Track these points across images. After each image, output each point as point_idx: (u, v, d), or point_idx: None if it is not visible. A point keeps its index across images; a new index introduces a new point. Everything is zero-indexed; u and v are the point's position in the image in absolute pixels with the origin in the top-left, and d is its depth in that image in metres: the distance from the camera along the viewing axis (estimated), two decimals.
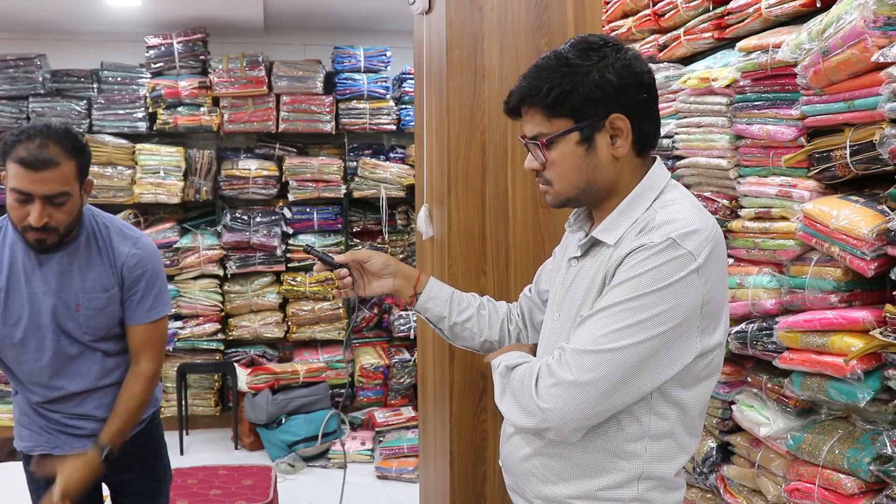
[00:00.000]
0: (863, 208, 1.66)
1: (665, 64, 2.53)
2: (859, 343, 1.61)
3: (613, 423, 1.25)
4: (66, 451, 1.94)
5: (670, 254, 1.17)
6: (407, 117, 5.36)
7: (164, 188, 4.98)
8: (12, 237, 1.85)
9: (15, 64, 4.94)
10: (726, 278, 1.29)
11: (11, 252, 1.84)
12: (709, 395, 1.32)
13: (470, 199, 2.11)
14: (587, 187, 1.30)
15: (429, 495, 2.51)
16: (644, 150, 1.32)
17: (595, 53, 1.26)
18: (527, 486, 1.35)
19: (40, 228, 1.74)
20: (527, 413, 1.25)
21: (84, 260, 1.86)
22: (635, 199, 1.28)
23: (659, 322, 1.16)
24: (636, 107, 1.27)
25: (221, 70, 5.04)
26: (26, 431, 2.00)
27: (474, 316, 1.58)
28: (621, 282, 1.19)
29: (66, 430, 1.97)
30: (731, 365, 2.13)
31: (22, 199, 1.72)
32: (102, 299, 1.88)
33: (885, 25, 1.57)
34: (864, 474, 1.60)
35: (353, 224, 5.36)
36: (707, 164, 2.19)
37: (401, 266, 1.59)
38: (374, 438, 4.73)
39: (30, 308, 1.84)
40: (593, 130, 1.26)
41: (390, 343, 5.41)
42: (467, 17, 2.09)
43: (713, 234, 1.23)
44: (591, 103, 1.25)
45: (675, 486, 1.32)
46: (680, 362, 1.20)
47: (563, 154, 1.28)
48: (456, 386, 2.11)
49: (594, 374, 1.17)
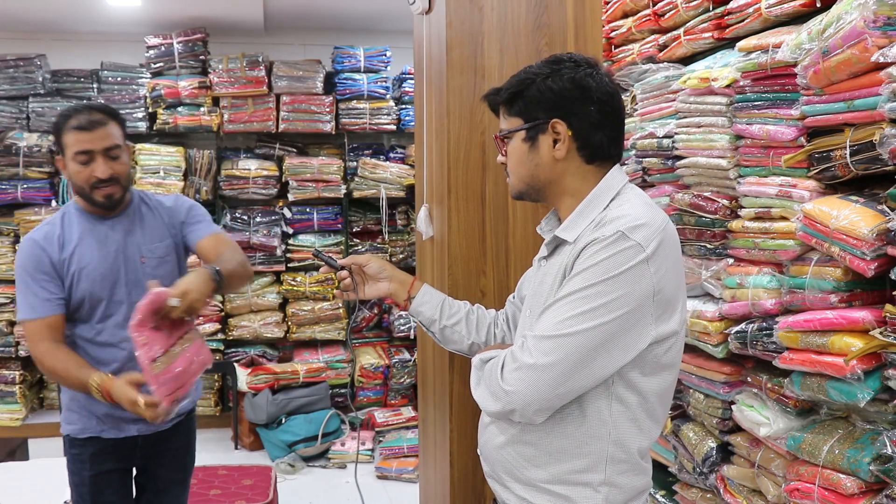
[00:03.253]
0: (863, 208, 1.66)
1: (665, 64, 2.54)
2: (859, 343, 1.61)
3: (576, 407, 1.34)
4: (111, 434, 2.13)
5: (620, 245, 1.27)
6: (407, 117, 5.36)
7: (164, 188, 4.98)
8: (77, 218, 2.12)
9: (15, 64, 4.95)
10: (680, 271, 1.38)
11: (80, 229, 2.11)
12: (669, 385, 1.39)
13: (470, 199, 2.11)
14: (531, 182, 1.45)
15: (429, 495, 2.51)
16: (594, 158, 1.42)
17: (554, 66, 1.40)
18: (503, 473, 1.44)
19: (107, 180, 2.03)
20: (494, 397, 1.35)
21: (139, 219, 2.17)
22: (592, 201, 1.40)
23: (612, 308, 1.26)
24: (580, 118, 1.38)
25: (221, 70, 5.04)
26: (75, 415, 2.15)
27: (463, 320, 1.70)
28: (577, 273, 1.30)
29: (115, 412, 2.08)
30: (731, 365, 2.14)
31: (85, 160, 2.02)
32: (161, 248, 2.17)
33: (885, 25, 1.57)
34: (864, 474, 1.60)
35: (353, 224, 5.36)
36: (707, 164, 2.19)
37: (396, 271, 1.75)
38: (374, 438, 4.73)
39: (103, 270, 2.09)
40: (537, 132, 1.41)
41: (390, 343, 5.41)
42: (467, 17, 2.09)
43: (662, 228, 1.32)
44: (533, 106, 1.40)
45: (642, 470, 1.41)
46: (636, 347, 1.29)
47: (514, 149, 1.45)
48: (456, 386, 2.11)
49: (552, 357, 1.27)
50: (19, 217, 4.84)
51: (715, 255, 2.18)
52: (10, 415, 4.86)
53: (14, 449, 4.92)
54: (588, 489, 1.35)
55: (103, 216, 2.13)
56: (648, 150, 2.50)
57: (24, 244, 2.10)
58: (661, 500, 2.44)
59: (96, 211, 2.12)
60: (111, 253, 2.11)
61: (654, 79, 2.51)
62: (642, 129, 2.52)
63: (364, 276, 1.74)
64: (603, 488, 1.35)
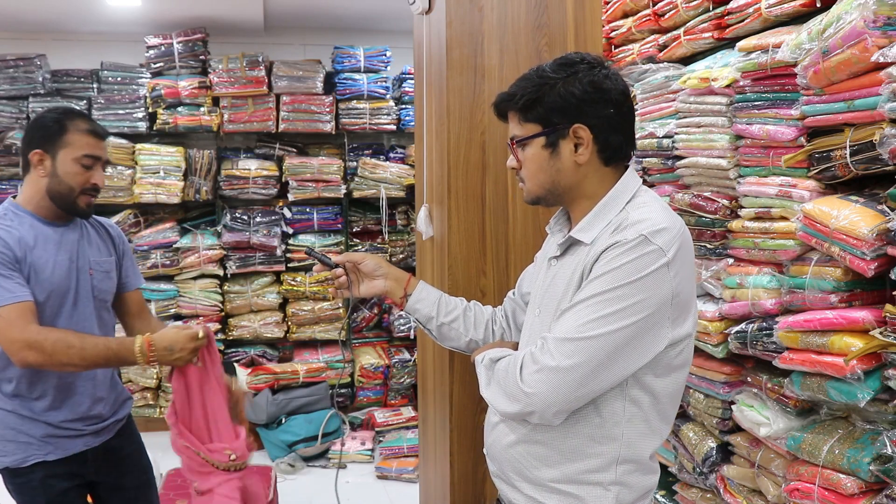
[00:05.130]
0: (863, 208, 1.66)
1: (665, 64, 2.54)
2: (859, 343, 1.62)
3: (592, 408, 1.34)
4: (57, 455, 1.99)
5: (642, 249, 1.27)
6: (407, 117, 5.36)
7: (164, 188, 4.98)
8: (29, 219, 2.02)
9: (15, 64, 4.94)
10: (693, 274, 1.38)
11: (34, 232, 2.01)
12: (680, 386, 1.40)
13: (470, 199, 2.11)
14: (552, 188, 1.42)
15: (429, 495, 2.51)
16: (612, 160, 1.41)
17: (568, 69, 1.38)
18: (512, 472, 1.44)
19: (94, 190, 2.03)
20: (512, 399, 1.33)
21: (86, 232, 2.12)
22: (609, 202, 1.39)
23: (633, 311, 1.26)
24: (600, 120, 1.37)
25: (221, 70, 5.04)
26: (10, 445, 1.98)
27: (460, 317, 1.70)
28: (598, 276, 1.29)
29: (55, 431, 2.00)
30: (731, 365, 2.14)
31: (89, 165, 2.00)
32: (107, 264, 2.14)
33: (885, 25, 1.58)
34: (864, 474, 1.60)
35: (353, 224, 5.36)
36: (707, 164, 2.19)
37: (392, 269, 1.74)
38: (374, 438, 4.73)
39: (59, 277, 2.01)
40: (558, 137, 1.39)
41: (390, 343, 5.41)
42: (467, 17, 2.09)
43: (681, 233, 1.32)
44: (555, 112, 1.38)
45: (651, 469, 1.42)
46: (653, 350, 1.29)
47: (532, 156, 1.42)
48: (456, 386, 2.11)
49: (574, 359, 1.26)
50: None
51: (715, 255, 2.18)
52: None
53: None
54: (599, 488, 1.36)
55: (56, 223, 2.04)
56: (648, 150, 2.50)
57: None
58: (661, 500, 2.44)
59: (54, 216, 2.04)
60: (65, 261, 2.03)
61: (654, 79, 2.51)
62: (642, 129, 2.52)
63: (359, 274, 1.74)
64: (613, 487, 1.36)
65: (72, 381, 2.01)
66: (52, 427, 1.97)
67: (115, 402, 2.14)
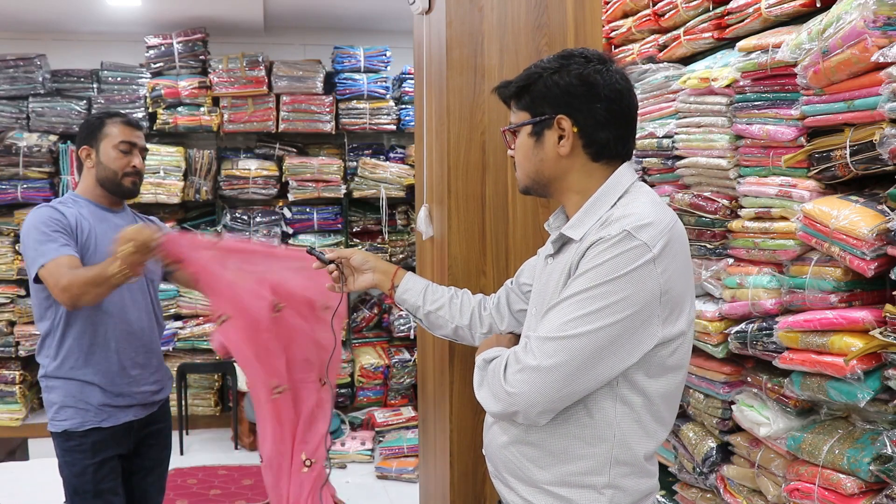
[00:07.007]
0: (863, 208, 1.66)
1: (665, 64, 2.54)
2: (859, 343, 1.61)
3: (581, 408, 1.32)
4: (110, 423, 2.23)
5: (626, 245, 1.24)
6: (407, 117, 5.36)
7: (164, 188, 4.98)
8: (87, 204, 2.30)
9: (15, 64, 4.94)
10: (689, 270, 1.35)
11: (92, 216, 2.27)
12: (676, 387, 1.36)
13: (470, 199, 2.10)
14: (536, 177, 1.44)
15: (429, 495, 2.51)
16: (601, 156, 1.39)
17: (563, 61, 1.38)
18: (507, 473, 1.43)
19: (137, 172, 2.32)
20: (497, 399, 1.32)
21: (135, 221, 2.40)
22: (599, 198, 1.37)
23: (617, 310, 1.23)
24: (587, 115, 1.36)
25: (221, 70, 5.04)
26: (71, 410, 2.21)
27: (446, 304, 1.73)
28: (582, 273, 1.27)
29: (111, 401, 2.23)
30: (731, 365, 2.14)
31: (126, 150, 2.30)
32: None
33: (885, 25, 1.57)
34: (864, 474, 1.60)
35: (353, 224, 5.36)
36: (707, 164, 2.19)
37: (379, 262, 1.81)
38: (374, 438, 4.73)
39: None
40: (543, 127, 1.39)
41: (390, 343, 5.41)
42: (467, 17, 2.09)
43: (669, 228, 1.29)
44: (539, 101, 1.39)
45: (647, 473, 1.37)
46: (641, 349, 1.26)
47: (520, 144, 1.44)
48: (456, 386, 2.11)
49: (556, 359, 1.24)
50: (19, 217, 4.84)
51: (715, 255, 2.18)
52: (10, 415, 4.86)
53: (14, 449, 4.92)
54: (592, 492, 1.33)
55: (112, 209, 2.33)
56: (648, 150, 2.50)
57: (41, 209, 2.18)
58: (661, 500, 2.44)
59: (108, 203, 2.32)
60: None
61: (654, 79, 2.51)
62: (642, 129, 2.52)
63: (351, 268, 1.81)
64: (607, 491, 1.32)
65: (123, 361, 2.24)
66: (110, 395, 2.21)
67: (161, 381, 2.38)
